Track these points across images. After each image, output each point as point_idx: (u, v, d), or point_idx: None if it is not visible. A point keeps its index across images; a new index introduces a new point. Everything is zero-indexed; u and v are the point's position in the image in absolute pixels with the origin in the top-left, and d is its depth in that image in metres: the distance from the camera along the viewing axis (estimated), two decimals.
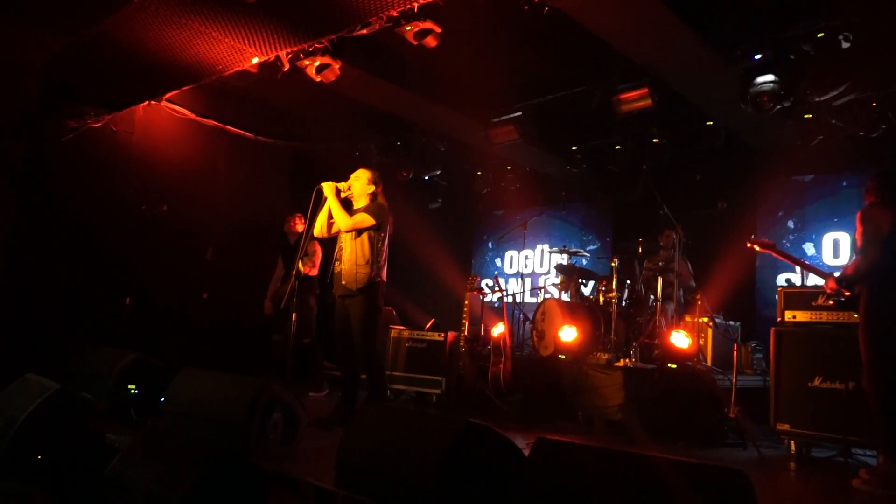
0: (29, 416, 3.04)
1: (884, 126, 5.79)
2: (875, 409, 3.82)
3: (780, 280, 7.45)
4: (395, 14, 4.59)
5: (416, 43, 4.95)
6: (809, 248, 7.35)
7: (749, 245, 4.66)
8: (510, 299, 7.52)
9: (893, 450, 3.75)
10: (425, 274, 9.16)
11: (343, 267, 4.52)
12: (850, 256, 4.25)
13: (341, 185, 4.59)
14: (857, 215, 3.98)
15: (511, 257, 10.15)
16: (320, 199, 4.58)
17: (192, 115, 7.49)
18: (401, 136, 8.36)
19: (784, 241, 7.56)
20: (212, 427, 3.29)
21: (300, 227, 6.48)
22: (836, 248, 7.16)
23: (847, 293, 4.05)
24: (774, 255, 4.62)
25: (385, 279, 4.61)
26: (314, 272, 6.44)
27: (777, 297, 5.03)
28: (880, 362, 3.82)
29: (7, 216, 5.96)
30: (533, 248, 9.75)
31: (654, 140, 7.20)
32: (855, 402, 4.32)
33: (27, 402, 3.13)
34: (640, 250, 6.57)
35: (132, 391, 4.22)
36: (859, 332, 3.94)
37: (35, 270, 6.04)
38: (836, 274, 4.14)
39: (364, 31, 4.92)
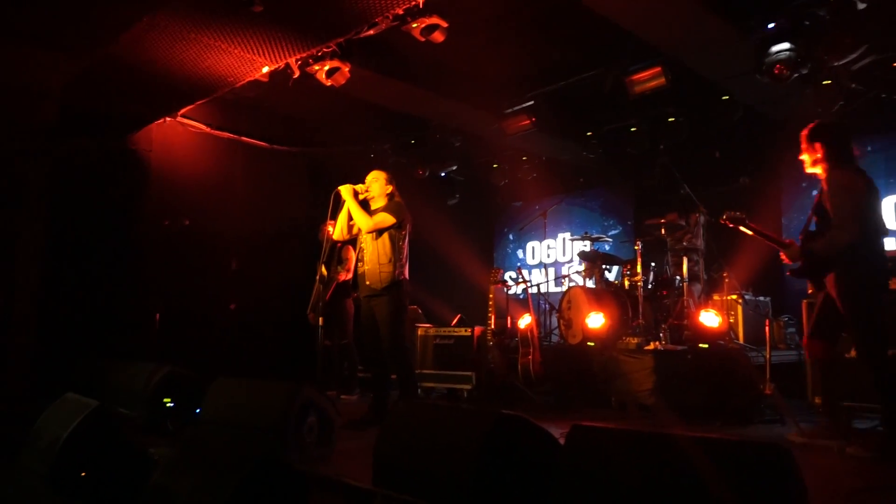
0: (71, 434, 3.10)
1: None
2: (873, 382, 3.68)
3: None
4: (401, 12, 4.59)
5: (423, 39, 4.96)
6: None
7: (722, 221, 4.40)
8: (534, 290, 7.50)
9: (891, 421, 3.62)
10: (448, 270, 9.16)
11: (366, 267, 4.55)
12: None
13: (359, 188, 4.61)
14: (829, 178, 3.69)
15: (533, 248, 10.11)
16: (339, 203, 4.61)
17: (207, 129, 7.57)
18: (415, 135, 8.36)
19: (810, 212, 7.42)
20: (248, 434, 3.33)
21: None
22: None
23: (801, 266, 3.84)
24: (744, 230, 4.27)
25: (408, 277, 4.62)
26: (350, 276, 6.46)
27: None
28: (871, 339, 3.67)
29: (37, 240, 6.09)
30: (554, 237, 9.70)
31: (671, 119, 7.10)
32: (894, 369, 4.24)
33: (68, 420, 3.19)
34: (663, 231, 6.50)
35: (168, 404, 4.28)
36: (843, 308, 3.70)
37: (67, 291, 6.17)
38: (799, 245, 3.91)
39: (371, 32, 4.93)
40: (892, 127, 6.68)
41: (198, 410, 3.71)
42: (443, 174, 9.02)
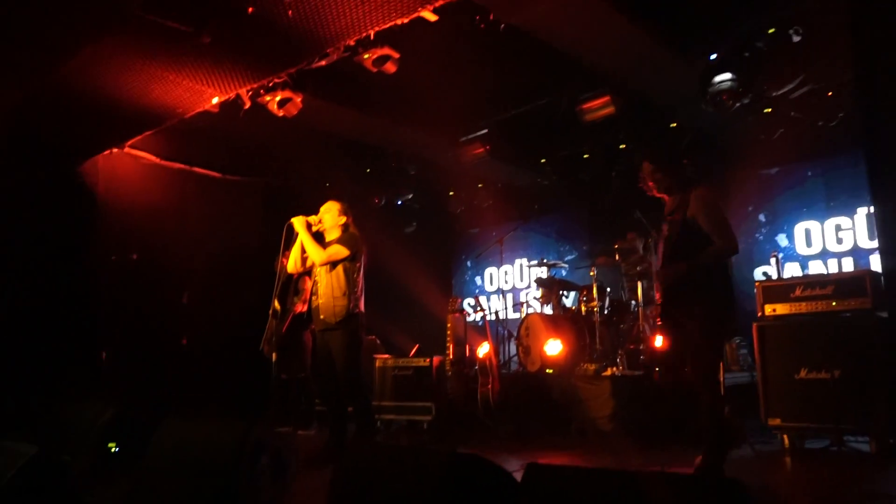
0: (6, 486, 2.92)
1: (841, 114, 5.90)
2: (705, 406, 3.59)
3: (758, 273, 7.52)
4: (352, 43, 4.59)
5: (375, 70, 4.96)
6: (782, 240, 7.43)
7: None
8: (493, 317, 7.49)
9: (714, 446, 3.56)
10: (406, 298, 9.09)
11: (320, 301, 4.47)
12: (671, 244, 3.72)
13: (312, 219, 4.55)
14: (698, 195, 3.56)
15: (490, 274, 10.14)
16: (291, 235, 4.53)
17: (157, 160, 7.40)
18: (371, 163, 8.34)
19: (757, 235, 7.65)
20: (198, 478, 3.19)
21: None
22: (808, 237, 7.25)
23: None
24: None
25: (363, 309, 4.55)
26: (306, 308, 6.35)
27: (756, 290, 5.07)
28: (717, 362, 3.66)
29: None
30: (511, 262, 9.75)
31: (622, 146, 7.26)
32: (843, 389, 4.35)
33: (3, 470, 3.01)
34: (617, 257, 6.59)
35: (113, 449, 4.09)
36: (702, 328, 3.51)
37: (8, 329, 5.89)
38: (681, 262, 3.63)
39: (323, 63, 4.91)
40: (830, 152, 6.95)
41: (145, 455, 3.55)
42: (399, 202, 9.00)
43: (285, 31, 4.22)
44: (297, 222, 4.49)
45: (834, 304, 4.54)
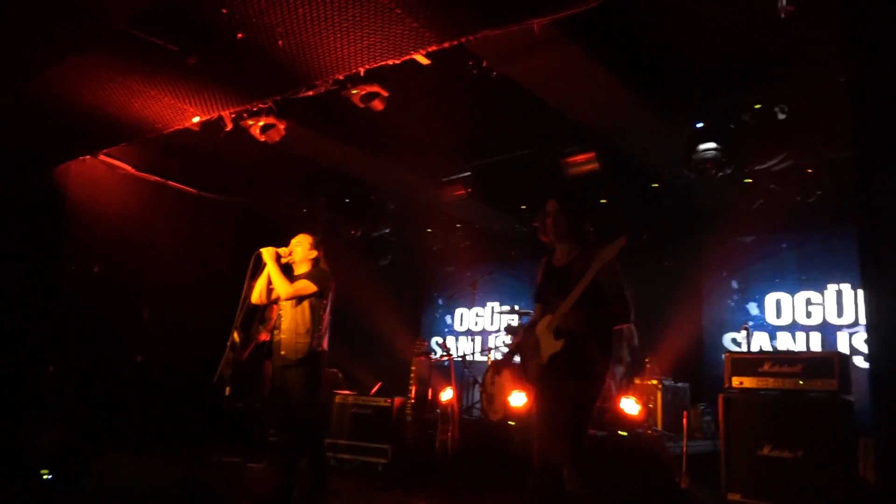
0: None
1: (819, 192, 5.97)
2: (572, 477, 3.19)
3: (727, 339, 7.52)
4: (342, 78, 4.53)
5: (362, 106, 4.91)
6: (753, 308, 7.46)
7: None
8: (459, 359, 7.36)
9: None
10: (374, 332, 8.93)
11: (282, 336, 4.31)
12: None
13: (282, 251, 4.41)
14: (604, 255, 3.23)
15: (462, 315, 10.03)
16: (259, 265, 4.38)
17: (132, 170, 7.24)
18: (350, 193, 8.26)
19: (728, 301, 7.67)
20: None
21: None
22: (779, 308, 7.29)
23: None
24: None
25: (326, 348, 4.41)
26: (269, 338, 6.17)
27: (724, 361, 5.04)
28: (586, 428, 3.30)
29: None
30: (483, 305, 9.66)
31: (602, 201, 7.27)
32: (806, 470, 4.30)
33: None
34: None
35: (46, 476, 3.86)
36: (582, 390, 3.24)
37: None
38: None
39: (310, 93, 4.84)
40: (804, 227, 7.03)
41: (78, 490, 3.35)
42: (376, 234, 8.90)
43: (274, 60, 4.16)
44: (266, 253, 4.36)
45: (801, 382, 4.53)
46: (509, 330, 7.16)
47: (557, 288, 3.41)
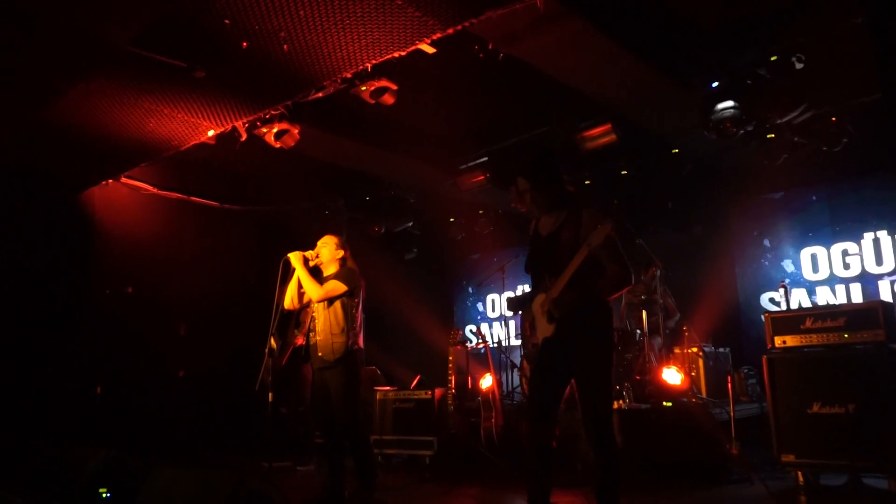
0: None
1: (845, 139, 5.81)
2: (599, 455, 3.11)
3: (764, 300, 7.40)
4: (349, 75, 4.53)
5: (373, 102, 4.90)
6: (788, 266, 7.32)
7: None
8: (495, 346, 7.35)
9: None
10: (407, 327, 8.96)
11: (318, 338, 4.34)
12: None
13: (309, 254, 4.44)
14: (601, 217, 3.12)
15: (493, 300, 10.01)
16: (288, 270, 4.41)
17: (154, 190, 7.35)
18: (369, 191, 8.27)
19: (762, 261, 7.54)
20: None
21: None
22: (815, 262, 7.14)
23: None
24: None
25: (362, 345, 4.43)
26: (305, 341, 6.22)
27: (764, 321, 4.95)
28: (611, 397, 3.15)
29: None
30: (514, 289, 9.62)
31: (623, 172, 7.18)
32: (857, 425, 4.21)
33: None
34: None
35: (104, 495, 3.95)
36: (594, 363, 3.07)
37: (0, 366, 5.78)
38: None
39: (320, 95, 4.86)
40: (834, 177, 6.88)
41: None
42: (399, 229, 8.91)
43: (281, 65, 4.17)
44: (294, 257, 4.38)
45: (846, 336, 4.41)
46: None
47: (546, 261, 3.25)
